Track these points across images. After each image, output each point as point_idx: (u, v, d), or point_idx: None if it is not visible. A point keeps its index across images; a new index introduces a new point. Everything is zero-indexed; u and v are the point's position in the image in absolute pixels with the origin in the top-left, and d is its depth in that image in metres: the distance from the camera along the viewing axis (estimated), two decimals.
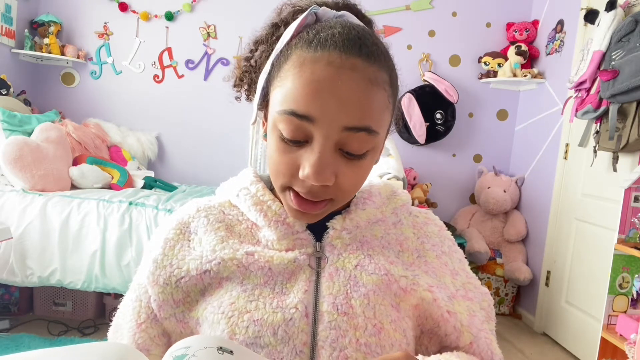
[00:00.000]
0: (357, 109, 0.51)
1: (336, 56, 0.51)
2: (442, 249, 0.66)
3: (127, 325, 0.61)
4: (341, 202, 0.58)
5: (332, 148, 0.53)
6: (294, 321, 0.55)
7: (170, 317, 0.59)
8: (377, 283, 0.58)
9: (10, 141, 2.36)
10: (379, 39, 0.57)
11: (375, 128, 0.53)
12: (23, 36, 3.09)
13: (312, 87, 0.51)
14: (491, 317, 0.65)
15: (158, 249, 0.62)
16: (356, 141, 0.53)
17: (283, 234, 0.61)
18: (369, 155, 0.56)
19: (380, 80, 0.53)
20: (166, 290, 0.59)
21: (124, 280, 2.21)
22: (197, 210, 0.65)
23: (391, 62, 0.57)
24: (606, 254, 2.11)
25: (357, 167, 0.55)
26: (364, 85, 0.51)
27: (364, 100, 0.51)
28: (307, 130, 0.52)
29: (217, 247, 0.60)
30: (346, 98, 0.51)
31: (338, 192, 0.55)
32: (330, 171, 0.53)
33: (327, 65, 0.51)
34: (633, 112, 2.09)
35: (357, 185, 0.58)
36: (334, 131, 0.52)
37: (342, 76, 0.51)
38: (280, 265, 0.58)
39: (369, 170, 0.58)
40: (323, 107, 0.51)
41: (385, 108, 0.55)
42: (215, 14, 3.34)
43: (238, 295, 0.57)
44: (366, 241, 0.62)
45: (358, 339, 0.54)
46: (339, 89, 0.50)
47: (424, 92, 3.26)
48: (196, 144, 3.40)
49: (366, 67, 0.52)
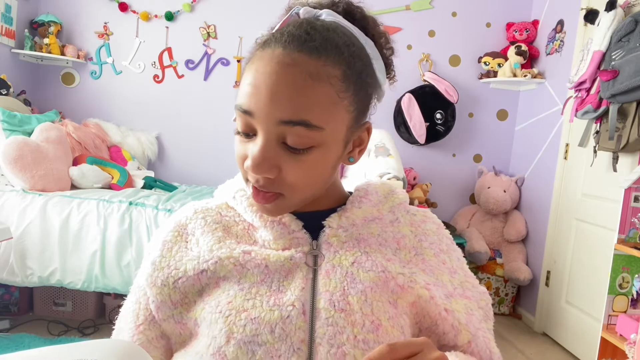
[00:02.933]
0: (291, 103, 0.52)
1: (279, 52, 0.53)
2: (440, 247, 0.66)
3: (126, 327, 0.61)
4: (293, 198, 0.58)
5: (275, 141, 0.54)
6: (291, 319, 0.55)
7: (168, 318, 0.60)
8: (374, 280, 0.58)
9: (10, 141, 2.36)
10: (340, 35, 0.56)
11: (315, 123, 0.53)
12: (23, 36, 3.09)
13: (253, 83, 0.53)
14: (489, 316, 0.65)
15: (156, 251, 0.63)
16: (294, 135, 0.53)
17: (279, 234, 0.61)
18: (315, 151, 0.55)
19: (324, 75, 0.53)
20: (164, 291, 0.59)
21: (124, 281, 2.21)
22: (194, 212, 0.66)
23: (351, 58, 0.56)
24: (606, 254, 2.11)
25: (301, 162, 0.55)
26: (302, 80, 0.52)
27: (301, 94, 0.52)
28: (251, 124, 0.55)
29: (215, 247, 0.60)
30: (281, 92, 0.52)
31: (284, 186, 0.56)
32: (269, 164, 0.54)
33: (269, 62, 0.53)
34: (633, 112, 2.09)
35: (305, 181, 0.57)
36: (271, 125, 0.53)
37: (280, 71, 0.52)
38: (277, 263, 0.59)
39: (322, 168, 0.58)
40: (259, 102, 0.53)
41: (332, 103, 0.54)
42: (215, 14, 3.34)
43: (235, 294, 0.57)
44: (363, 239, 0.63)
45: (356, 336, 0.54)
46: (275, 84, 0.52)
47: (424, 92, 3.26)
48: (196, 144, 3.40)
49: (308, 62, 0.52)
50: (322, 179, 0.59)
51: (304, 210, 0.64)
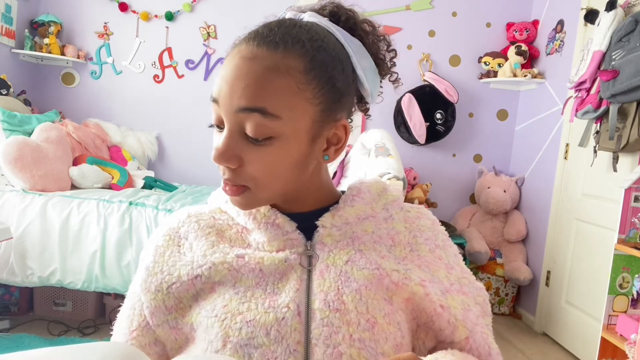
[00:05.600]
0: (248, 91, 0.54)
1: (242, 48, 0.57)
2: (435, 242, 0.66)
3: (121, 332, 0.61)
4: (258, 192, 0.58)
5: (237, 132, 0.56)
6: (286, 320, 0.55)
7: (163, 324, 0.60)
8: (368, 277, 0.58)
9: (10, 141, 2.37)
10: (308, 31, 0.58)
11: (271, 111, 0.54)
12: (23, 36, 3.09)
13: (221, 75, 0.57)
14: (486, 312, 0.64)
15: (149, 256, 0.63)
16: (252, 122, 0.54)
17: (273, 235, 0.61)
18: (275, 142, 0.55)
19: (283, 67, 0.55)
20: (158, 297, 0.59)
21: (124, 280, 2.21)
22: (187, 216, 0.66)
23: (316, 52, 0.57)
24: (606, 254, 2.11)
25: (262, 154, 0.56)
26: (261, 72, 0.54)
27: (258, 84, 0.54)
28: (219, 114, 0.57)
29: (208, 252, 0.61)
30: (239, 82, 0.54)
31: (248, 178, 0.57)
32: (230, 153, 0.56)
33: (234, 57, 0.56)
34: (633, 112, 2.09)
35: (266, 174, 0.57)
36: (231, 112, 0.55)
37: (240, 63, 0.55)
38: (271, 266, 0.59)
39: (284, 161, 0.57)
40: (220, 92, 0.56)
41: (291, 93, 0.55)
42: (215, 14, 3.34)
43: (230, 297, 0.57)
44: (357, 237, 0.63)
45: (351, 335, 0.54)
46: (235, 75, 0.55)
47: (424, 92, 3.26)
48: (196, 144, 3.40)
49: (267, 56, 0.55)
50: (287, 173, 0.58)
51: (296, 210, 0.64)
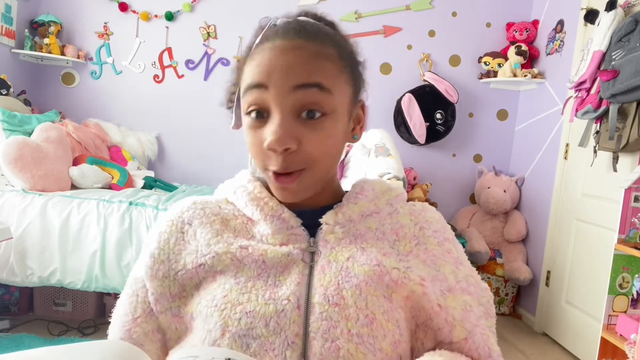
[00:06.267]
0: (303, 70, 0.57)
1: (279, 42, 0.58)
2: (444, 235, 0.66)
3: (123, 319, 0.61)
4: (314, 171, 0.59)
5: (290, 114, 0.57)
6: (285, 312, 0.55)
7: (166, 311, 0.60)
8: (368, 274, 0.58)
9: (10, 141, 2.36)
10: (323, 27, 0.63)
11: (327, 86, 0.57)
12: (23, 36, 3.09)
13: (261, 64, 0.58)
14: (490, 314, 0.64)
15: (154, 243, 0.64)
16: (309, 98, 0.56)
17: (278, 229, 0.62)
18: (328, 120, 0.58)
19: (324, 53, 0.58)
20: (164, 283, 0.60)
21: (124, 280, 2.19)
22: (193, 203, 0.67)
23: (341, 41, 0.63)
24: (606, 254, 2.11)
25: (318, 131, 0.58)
26: (308, 56, 0.57)
27: (310, 64, 0.57)
28: (264, 100, 0.57)
29: (212, 242, 0.61)
30: (292, 63, 0.57)
31: (307, 159, 0.58)
32: (290, 136, 0.56)
33: (272, 49, 0.58)
34: (633, 112, 2.09)
35: (325, 152, 0.59)
36: (286, 93, 0.56)
37: (286, 51, 0.57)
38: (274, 259, 0.60)
39: (335, 138, 0.60)
40: (271, 74, 0.57)
41: (336, 76, 0.59)
42: (215, 14, 3.34)
43: (231, 288, 0.58)
44: (360, 234, 0.63)
45: (350, 330, 0.55)
46: (284, 60, 0.57)
47: (424, 92, 3.26)
48: (196, 144, 3.40)
49: (308, 45, 0.58)
50: (335, 150, 0.61)
51: (302, 207, 0.64)
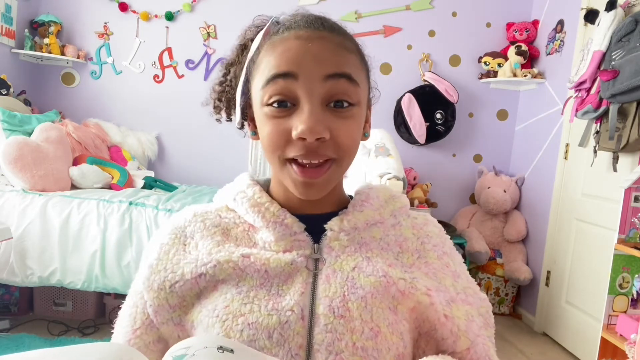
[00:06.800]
0: (333, 60, 0.56)
1: (302, 32, 0.57)
2: (443, 249, 0.66)
3: (123, 331, 0.61)
4: (343, 161, 0.59)
5: (320, 103, 0.55)
6: (289, 324, 0.54)
7: (167, 321, 0.59)
8: (375, 285, 0.57)
9: (10, 141, 2.36)
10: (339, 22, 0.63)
11: (355, 77, 0.57)
12: (23, 36, 3.09)
13: (287, 54, 0.56)
14: (489, 324, 0.64)
15: (153, 254, 0.62)
16: (340, 88, 0.56)
17: (281, 235, 0.60)
18: (355, 110, 0.58)
19: (348, 46, 0.58)
20: (160, 295, 0.59)
21: (124, 280, 2.21)
22: (193, 215, 0.65)
23: (355, 40, 0.62)
24: (606, 254, 2.11)
25: (347, 121, 0.57)
26: (334, 47, 0.56)
27: (338, 54, 0.56)
28: (292, 90, 0.55)
29: (213, 251, 0.60)
30: (321, 54, 0.55)
31: (337, 148, 0.57)
32: (322, 125, 0.54)
33: (297, 39, 0.56)
34: (633, 112, 2.09)
35: (352, 141, 0.59)
36: (317, 82, 0.55)
37: (311, 42, 0.56)
38: (277, 268, 0.58)
39: (360, 130, 0.61)
40: (301, 63, 0.55)
41: (359, 69, 0.59)
42: (215, 14, 3.34)
43: (232, 297, 0.57)
44: (365, 243, 0.62)
45: (354, 343, 0.54)
46: (312, 50, 0.55)
47: (424, 92, 3.26)
48: (196, 144, 3.40)
49: (332, 37, 0.57)
50: (358, 144, 0.61)
51: (305, 212, 0.63)
